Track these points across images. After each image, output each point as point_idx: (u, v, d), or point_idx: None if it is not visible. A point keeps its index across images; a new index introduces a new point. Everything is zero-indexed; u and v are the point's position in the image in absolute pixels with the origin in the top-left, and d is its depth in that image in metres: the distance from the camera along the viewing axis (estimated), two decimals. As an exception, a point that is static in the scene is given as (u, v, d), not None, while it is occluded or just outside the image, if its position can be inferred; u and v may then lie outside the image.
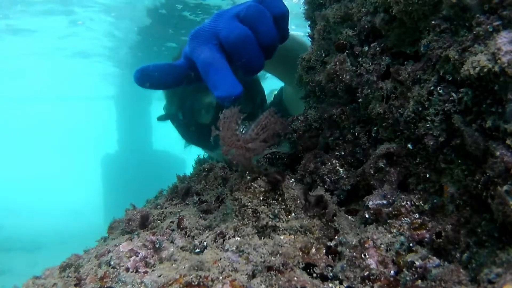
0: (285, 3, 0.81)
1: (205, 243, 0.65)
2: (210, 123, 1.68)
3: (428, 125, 0.62)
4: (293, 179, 0.79)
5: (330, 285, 0.58)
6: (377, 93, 0.72)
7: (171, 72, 0.80)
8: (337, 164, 0.79)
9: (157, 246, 0.64)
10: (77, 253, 0.72)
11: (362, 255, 0.59)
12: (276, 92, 1.97)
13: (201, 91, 1.67)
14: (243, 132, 0.69)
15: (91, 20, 8.10)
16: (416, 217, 0.63)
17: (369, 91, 0.74)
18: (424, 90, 0.63)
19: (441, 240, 0.59)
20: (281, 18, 0.79)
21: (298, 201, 0.68)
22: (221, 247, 0.62)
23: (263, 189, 0.67)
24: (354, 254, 0.60)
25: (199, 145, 1.91)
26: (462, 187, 0.59)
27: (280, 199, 0.67)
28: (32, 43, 9.81)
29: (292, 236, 0.64)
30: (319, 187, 0.77)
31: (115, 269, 0.61)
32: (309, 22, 0.97)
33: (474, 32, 0.54)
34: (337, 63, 0.78)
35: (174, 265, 0.61)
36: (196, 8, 6.85)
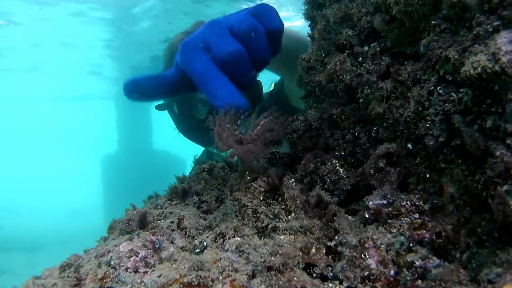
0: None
1: (205, 243, 0.65)
2: (205, 119, 1.65)
3: (428, 125, 0.62)
4: (293, 179, 0.79)
5: (330, 285, 0.58)
6: (377, 93, 0.72)
7: (162, 83, 0.78)
8: (337, 164, 0.79)
9: (157, 246, 0.64)
10: (77, 253, 0.72)
11: (362, 255, 0.59)
12: (276, 81, 1.95)
13: None
14: (242, 132, 0.69)
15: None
16: (416, 217, 0.63)
17: (369, 91, 0.74)
18: (424, 90, 0.63)
19: (441, 240, 0.59)
20: (276, 33, 0.76)
21: (298, 201, 0.68)
22: (221, 247, 0.62)
23: (263, 189, 0.67)
24: (354, 254, 0.59)
25: (193, 139, 1.89)
26: (462, 187, 0.59)
27: (280, 199, 0.67)
28: (34, 43, 9.82)
29: (292, 236, 0.64)
30: (318, 187, 0.77)
31: (115, 269, 0.61)
32: (309, 22, 0.97)
33: (474, 32, 0.54)
34: (337, 63, 0.78)
35: (174, 265, 0.61)
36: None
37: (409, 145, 0.67)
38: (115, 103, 13.76)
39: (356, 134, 0.79)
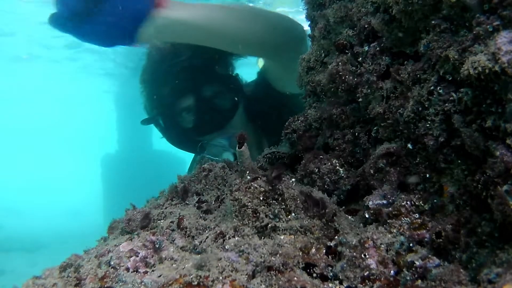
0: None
1: (205, 243, 0.65)
2: (192, 127, 1.64)
3: (428, 125, 0.62)
4: (293, 179, 0.79)
5: (330, 285, 0.58)
6: (377, 93, 0.72)
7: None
8: (337, 164, 0.79)
9: (157, 246, 0.64)
10: (77, 253, 0.72)
11: (362, 255, 0.59)
12: (258, 70, 1.95)
13: (178, 95, 1.65)
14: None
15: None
16: (416, 217, 0.63)
17: (369, 91, 0.74)
18: (424, 90, 0.63)
19: (441, 240, 0.59)
20: None
21: (298, 201, 0.68)
22: (221, 247, 0.62)
23: (263, 189, 0.67)
24: (354, 254, 0.59)
25: (184, 148, 1.88)
26: (462, 187, 0.59)
27: (280, 199, 0.67)
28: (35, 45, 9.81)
29: (292, 236, 0.64)
30: (317, 187, 0.77)
31: (115, 269, 0.61)
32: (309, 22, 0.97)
33: (474, 32, 0.54)
34: (340, 63, 0.78)
35: (174, 265, 0.61)
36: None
37: (409, 145, 0.67)
38: (115, 103, 13.75)
39: (356, 134, 0.79)
